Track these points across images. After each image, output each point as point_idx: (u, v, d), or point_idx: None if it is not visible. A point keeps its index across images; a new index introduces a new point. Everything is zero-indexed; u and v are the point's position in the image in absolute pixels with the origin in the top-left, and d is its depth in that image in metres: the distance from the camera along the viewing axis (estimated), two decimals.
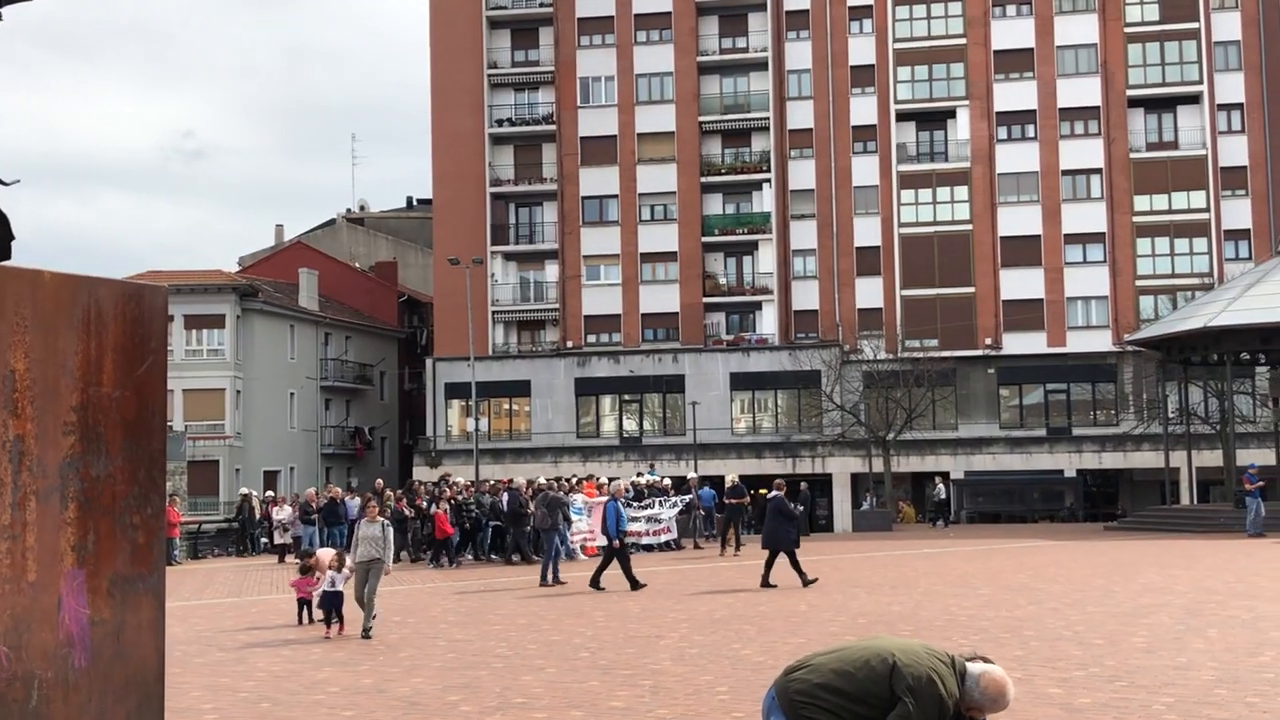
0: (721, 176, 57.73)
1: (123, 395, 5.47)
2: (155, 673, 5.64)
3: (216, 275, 58.61)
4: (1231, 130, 55.14)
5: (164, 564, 5.78)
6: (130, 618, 5.48)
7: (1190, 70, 55.16)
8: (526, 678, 12.02)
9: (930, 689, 5.24)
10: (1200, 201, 54.39)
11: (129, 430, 5.50)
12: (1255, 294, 37.06)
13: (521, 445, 56.21)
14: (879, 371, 50.93)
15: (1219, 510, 39.27)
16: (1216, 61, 55.13)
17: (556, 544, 23.07)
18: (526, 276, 59.15)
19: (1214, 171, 54.34)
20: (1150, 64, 55.55)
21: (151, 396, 5.62)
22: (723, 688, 11.10)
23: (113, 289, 5.51)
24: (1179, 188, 54.56)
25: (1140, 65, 55.54)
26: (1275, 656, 11.99)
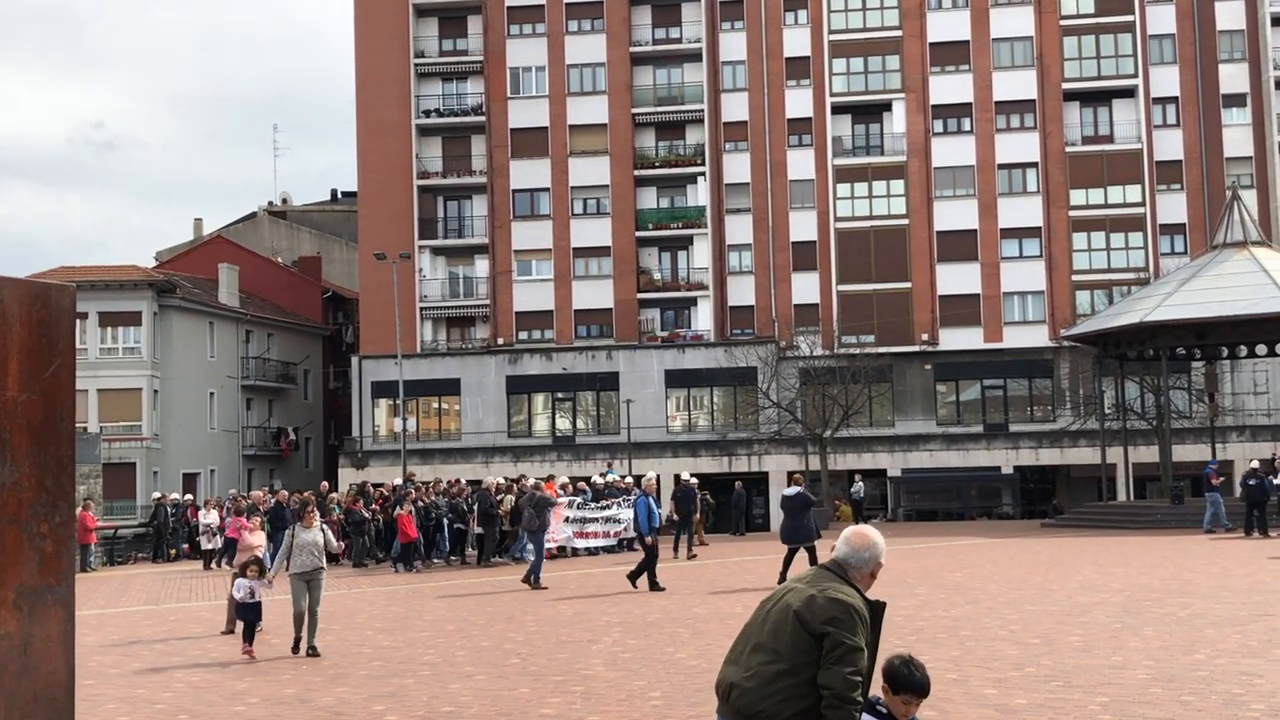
0: (655, 170, 57.80)
1: (29, 399, 5.37)
2: (65, 687, 5.54)
3: (132, 271, 57.70)
4: (1166, 124, 56.14)
5: (74, 574, 5.68)
6: (38, 630, 5.38)
7: (1125, 64, 56.08)
8: (455, 686, 11.97)
9: (837, 603, 5.00)
10: (1136, 196, 55.34)
11: (35, 435, 5.39)
12: (1190, 289, 37.82)
13: (451, 445, 55.94)
14: (815, 368, 51.28)
15: (1155, 507, 40.02)
16: (1151, 55, 56.11)
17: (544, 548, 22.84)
18: (455, 272, 58.84)
19: (1149, 165, 55.31)
20: (1086, 57, 56.40)
21: (59, 400, 5.52)
22: (656, 693, 11.12)
23: (17, 289, 5.40)
24: (1115, 182, 55.48)
25: (1076, 58, 56.38)
26: (1210, 654, 12.24)
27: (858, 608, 5.00)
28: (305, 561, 14.77)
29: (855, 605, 5.00)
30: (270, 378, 62.81)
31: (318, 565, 14.81)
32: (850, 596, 5.05)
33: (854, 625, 4.94)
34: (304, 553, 14.82)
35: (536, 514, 23.11)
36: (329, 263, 71.69)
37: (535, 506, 23.23)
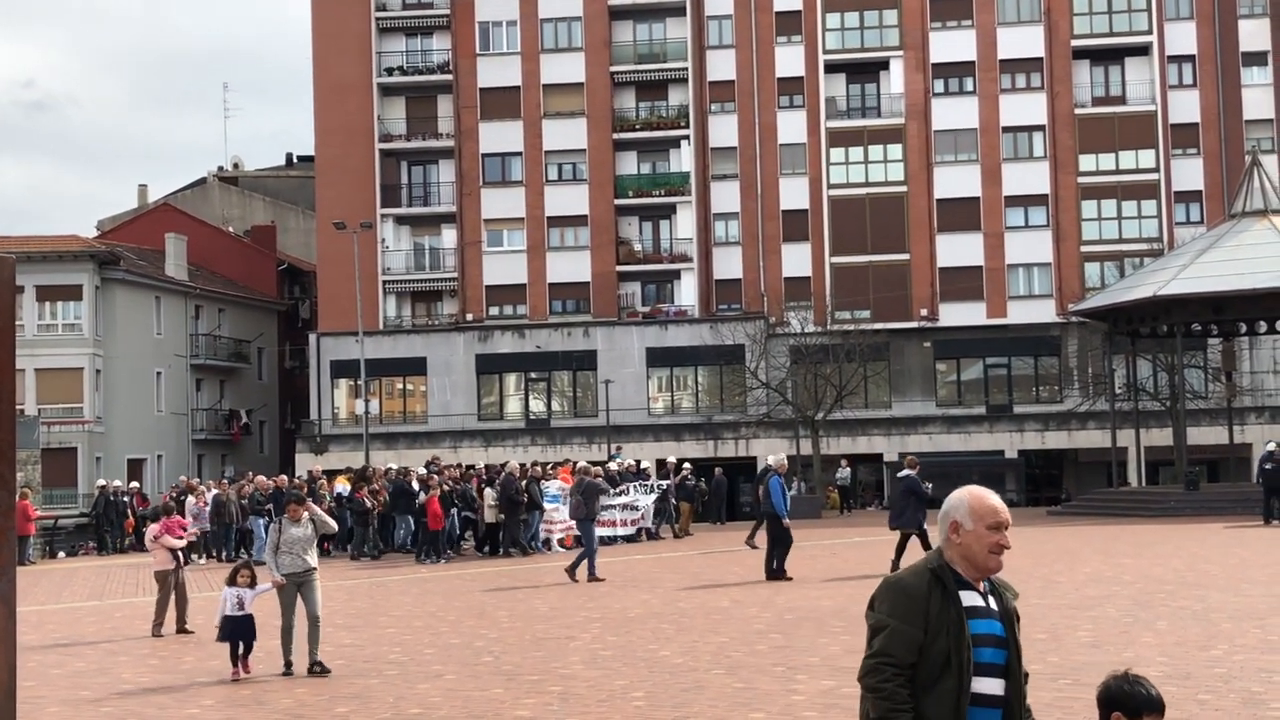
0: (636, 133, 57.67)
1: None
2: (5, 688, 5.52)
3: (71, 241, 57.34)
4: (1182, 84, 56.27)
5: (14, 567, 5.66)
6: None
7: (1139, 19, 56.14)
8: (423, 686, 11.99)
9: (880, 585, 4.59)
10: (1149, 161, 55.49)
11: None
12: (1207, 261, 37.98)
13: (417, 429, 55.89)
14: (807, 346, 51.30)
15: (1169, 493, 40.27)
16: (1167, 10, 56.16)
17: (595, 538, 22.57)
18: (421, 242, 58.66)
19: (1164, 129, 55.45)
20: (1097, 12, 56.45)
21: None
22: (639, 693, 11.16)
23: None
24: (1126, 146, 55.62)
25: (1086, 13, 56.42)
26: (1228, 650, 12.34)
27: (900, 580, 4.53)
28: (293, 562, 13.24)
29: (897, 578, 4.57)
30: (221, 356, 62.58)
31: (309, 566, 13.32)
32: (905, 571, 4.61)
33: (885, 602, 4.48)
34: (292, 552, 13.27)
35: (585, 501, 22.67)
36: (284, 233, 71.35)
37: (584, 494, 22.77)
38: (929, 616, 4.38)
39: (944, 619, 4.37)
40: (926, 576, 4.46)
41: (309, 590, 13.27)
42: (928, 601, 4.40)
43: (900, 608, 4.41)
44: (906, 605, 4.40)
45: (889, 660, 4.34)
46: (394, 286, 58.04)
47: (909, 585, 4.45)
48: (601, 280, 56.86)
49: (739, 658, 12.85)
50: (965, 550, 4.52)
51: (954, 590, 4.43)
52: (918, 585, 4.44)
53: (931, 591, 4.42)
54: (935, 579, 4.44)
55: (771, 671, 11.98)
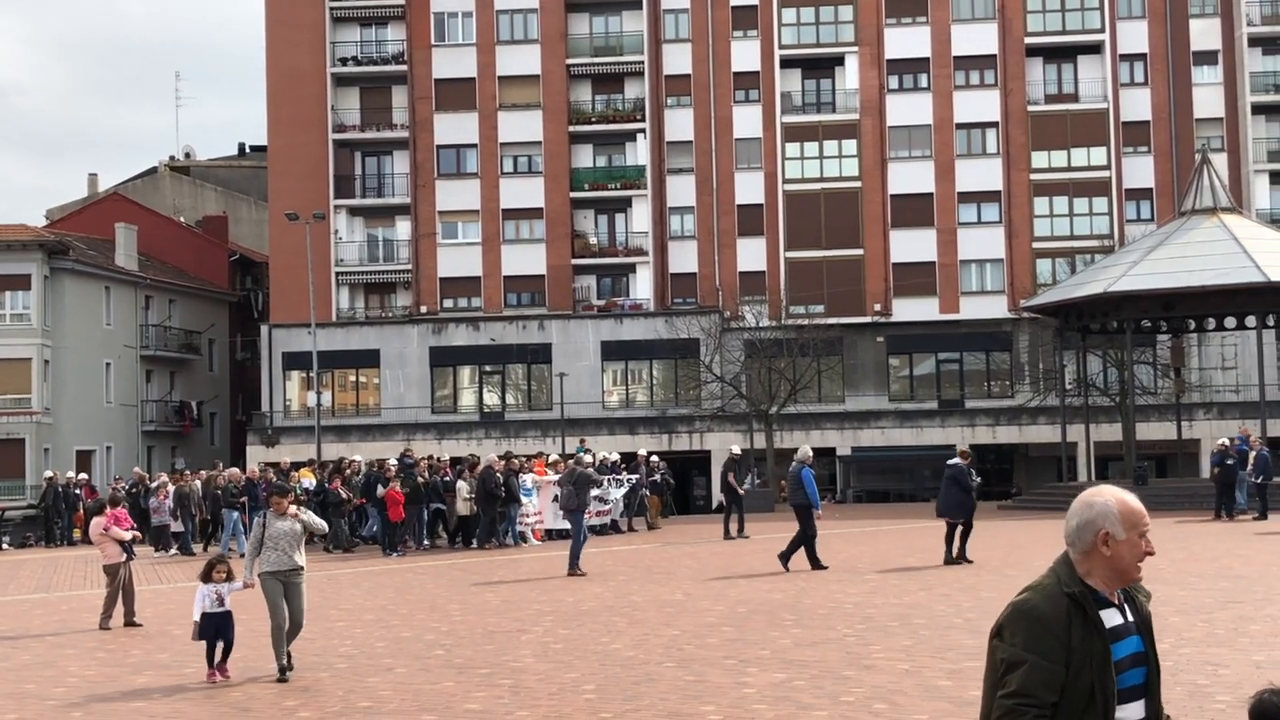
0: (592, 126, 57.60)
1: None
2: None
3: (20, 230, 56.67)
4: (1134, 82, 56.78)
5: None
6: None
7: (1091, 18, 56.60)
8: (373, 680, 11.93)
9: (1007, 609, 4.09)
10: (1101, 158, 55.96)
11: None
12: (1157, 257, 38.36)
13: (370, 421, 55.64)
14: (761, 340, 51.45)
15: None
16: (1119, 8, 56.64)
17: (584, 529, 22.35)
18: (374, 234, 58.38)
19: (1115, 126, 55.93)
20: (1050, 10, 56.86)
21: None
22: (590, 686, 11.15)
23: None
24: (1078, 143, 56.07)
25: (1039, 11, 56.82)
26: (1175, 643, 12.44)
27: (1035, 609, 4.00)
28: (279, 559, 12.36)
29: (1030, 606, 4.02)
30: (172, 347, 62.06)
31: (296, 565, 12.45)
32: (1034, 593, 4.06)
33: (1018, 632, 3.99)
34: (278, 548, 12.36)
35: (577, 493, 22.39)
36: (236, 223, 70.85)
37: (576, 484, 22.47)
38: (1070, 649, 3.94)
39: (1088, 651, 3.95)
40: (1064, 603, 3.98)
41: (294, 593, 12.37)
42: (1068, 632, 3.95)
43: (1038, 640, 3.95)
44: (1045, 638, 3.94)
45: (1030, 701, 3.90)
46: (347, 278, 57.74)
47: (1045, 614, 3.97)
48: (557, 273, 56.77)
49: (690, 651, 12.86)
50: (1116, 562, 4.06)
51: (1095, 616, 4.00)
52: (1055, 614, 3.97)
53: (1072, 620, 3.96)
54: (1075, 605, 3.98)
55: (723, 664, 11.99)
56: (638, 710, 10.08)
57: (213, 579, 12.61)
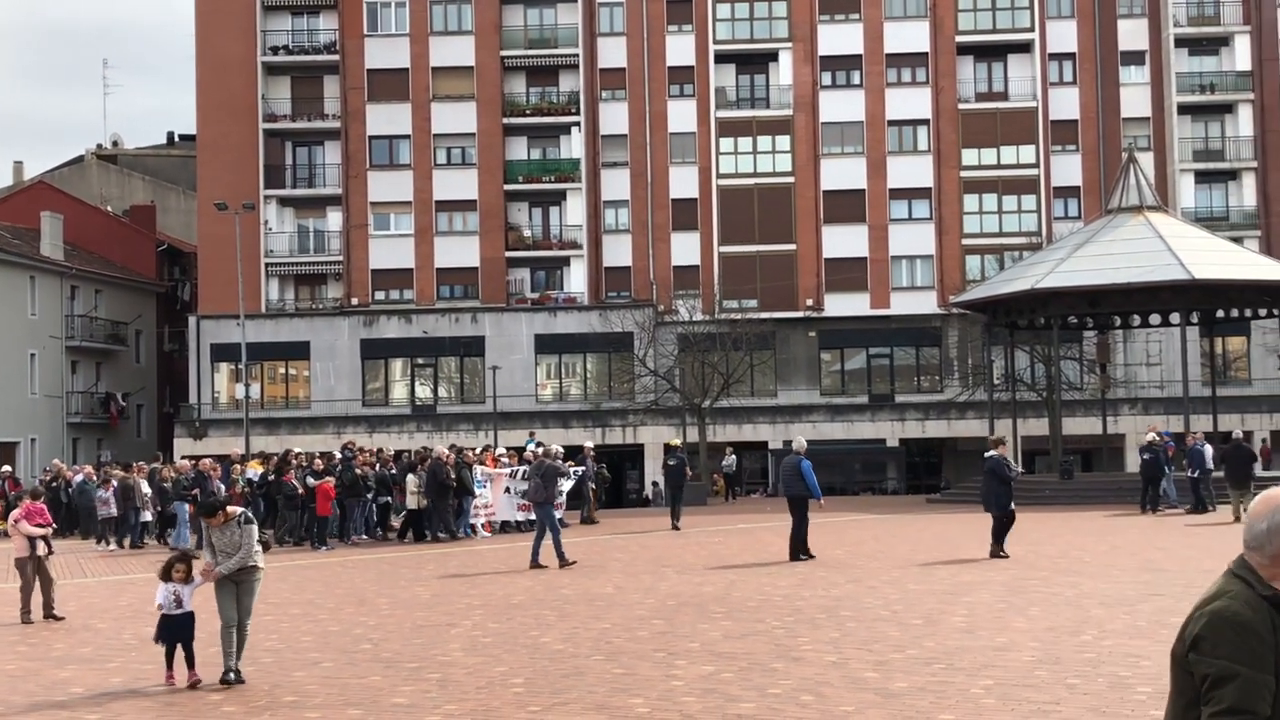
0: (526, 118, 57.44)
1: None
2: None
3: None
4: (1063, 81, 57.47)
5: None
6: None
7: (1021, 17, 57.20)
8: (299, 674, 11.83)
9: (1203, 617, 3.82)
10: (1029, 156, 56.60)
11: None
12: (1084, 255, 38.86)
13: (300, 414, 55.18)
14: (695, 334, 51.57)
15: (1044, 482, 41.16)
16: (1049, 8, 57.31)
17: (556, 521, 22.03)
18: (305, 225, 57.89)
19: (1044, 125, 56.59)
20: (981, 9, 57.41)
21: None
22: (518, 679, 11.12)
23: None
24: (1008, 141, 56.68)
25: (970, 10, 57.35)
26: (1097, 635, 12.62)
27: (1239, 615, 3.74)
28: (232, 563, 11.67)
29: (1232, 613, 3.75)
30: (98, 338, 61.21)
31: (252, 564, 11.75)
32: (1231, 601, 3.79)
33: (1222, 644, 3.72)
34: (229, 554, 11.67)
35: (545, 484, 22.05)
36: (164, 213, 69.97)
37: (544, 476, 22.11)
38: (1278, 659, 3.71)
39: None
40: (1265, 609, 3.73)
41: (246, 593, 11.72)
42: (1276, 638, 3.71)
43: (1247, 650, 3.68)
44: (1255, 647, 3.68)
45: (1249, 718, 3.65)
46: (277, 269, 57.21)
47: (1251, 622, 3.71)
48: (490, 266, 56.57)
49: (620, 644, 12.86)
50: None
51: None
52: (1261, 621, 3.71)
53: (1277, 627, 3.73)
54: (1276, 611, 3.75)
55: (652, 657, 12.01)
56: (565, 703, 10.08)
57: (171, 578, 11.68)
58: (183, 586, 11.65)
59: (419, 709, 10.10)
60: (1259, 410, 52.52)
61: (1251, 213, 56.81)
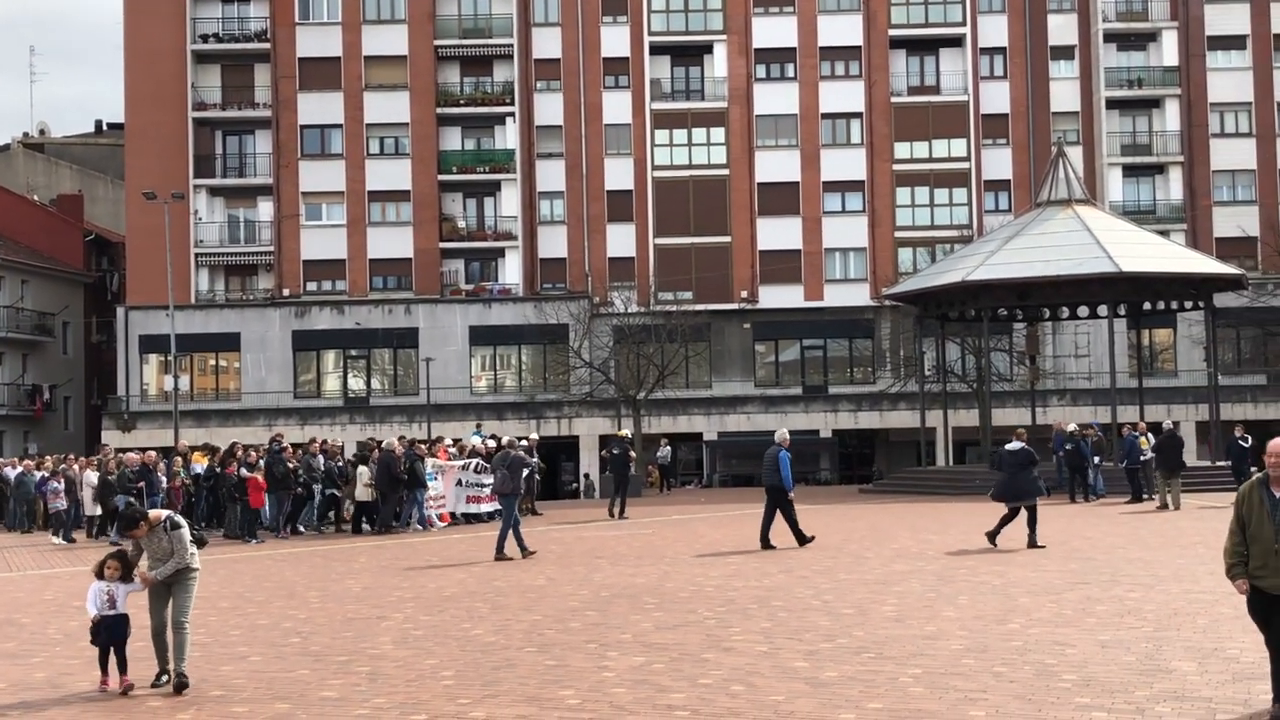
0: (460, 108, 57.16)
1: None
2: None
3: None
4: (994, 75, 58.00)
5: None
6: None
7: (953, 11, 57.66)
8: (226, 668, 11.71)
9: None
10: (961, 150, 57.10)
11: None
12: (1013, 248, 39.22)
13: (230, 406, 54.67)
14: (630, 326, 51.62)
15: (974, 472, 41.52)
16: (980, 3, 57.80)
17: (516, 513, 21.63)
18: (236, 215, 57.33)
19: (975, 119, 57.12)
20: (914, 3, 57.82)
21: None
22: (449, 672, 11.08)
23: None
24: (940, 135, 57.15)
25: (903, 4, 57.73)
26: (1024, 624, 12.76)
27: None
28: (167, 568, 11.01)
29: None
30: (24, 329, 60.33)
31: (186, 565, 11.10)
32: None
33: None
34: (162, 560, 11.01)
35: (512, 475, 21.78)
36: (92, 202, 69.06)
37: (510, 467, 21.84)
38: None
39: None
40: None
41: (181, 592, 11.05)
42: None
43: None
44: None
45: None
46: (207, 259, 56.61)
47: None
48: (424, 257, 56.28)
49: (552, 635, 12.85)
50: None
51: None
52: None
53: None
54: None
55: (584, 649, 12.00)
56: (496, 695, 10.05)
57: (104, 575, 10.97)
58: (118, 585, 10.99)
59: (348, 702, 10.03)
60: (1185, 401, 53.25)
61: (1178, 206, 57.64)
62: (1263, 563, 8.57)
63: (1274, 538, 8.52)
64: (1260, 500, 8.66)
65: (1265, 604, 8.65)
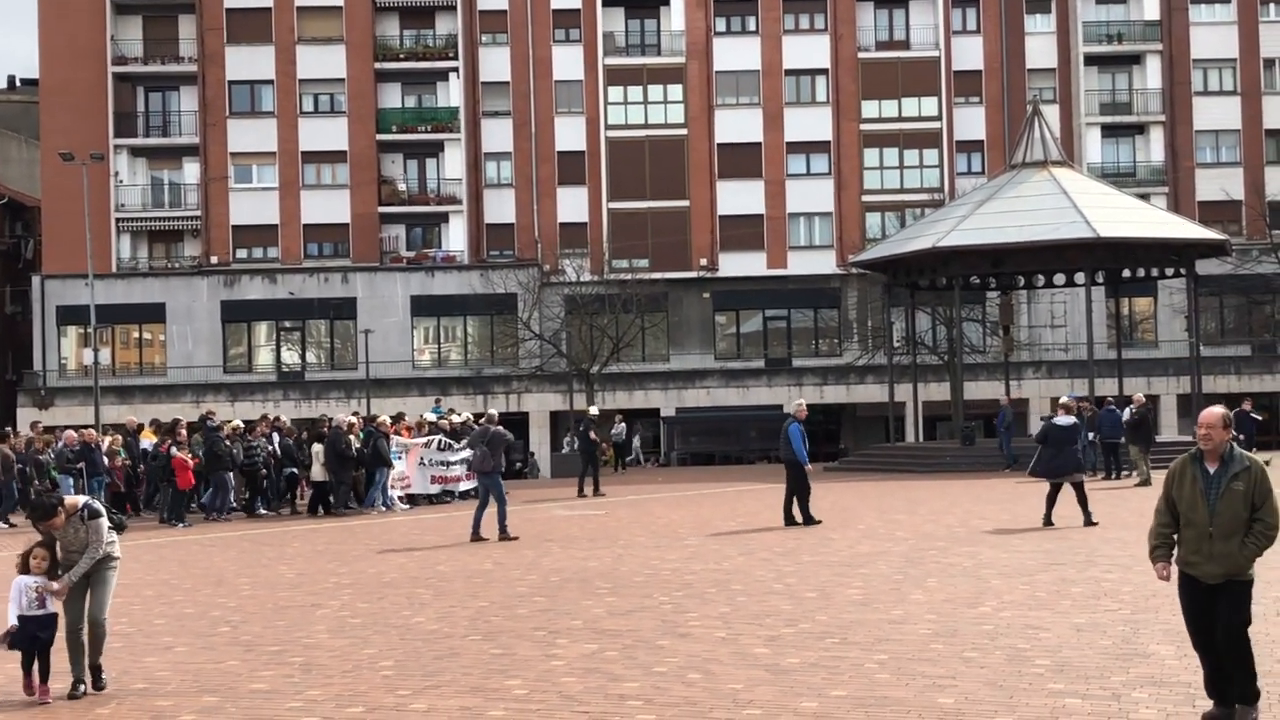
0: (400, 63, 56.80)
1: None
2: None
3: None
4: (966, 30, 58.16)
5: None
6: None
7: None
8: (150, 659, 11.63)
9: None
10: (932, 109, 57.28)
11: None
12: (987, 212, 39.43)
13: (155, 382, 54.32)
14: (583, 295, 51.60)
15: (945, 448, 41.87)
16: None
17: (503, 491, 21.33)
18: (160, 177, 56.84)
19: (947, 76, 57.28)
20: None
21: None
22: (387, 662, 11.05)
23: None
24: (910, 93, 57.28)
25: None
26: (996, 606, 12.86)
27: None
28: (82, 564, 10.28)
29: None
30: None
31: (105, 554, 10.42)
32: None
33: None
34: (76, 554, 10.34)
35: (491, 453, 21.48)
36: (4, 163, 68.27)
37: (490, 443, 21.58)
38: None
39: None
40: None
41: (98, 582, 10.40)
42: None
43: None
44: None
45: None
46: (129, 225, 56.12)
47: None
48: (362, 222, 55.99)
49: (498, 623, 12.84)
50: None
51: None
52: None
53: None
54: None
55: (532, 636, 12.00)
56: (438, 686, 10.03)
57: (30, 568, 10.20)
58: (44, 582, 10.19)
59: (280, 694, 9.98)
60: (1165, 373, 53.86)
61: (1159, 168, 58.08)
62: (1196, 548, 8.15)
63: (1209, 520, 8.09)
64: (1194, 478, 8.21)
65: (1199, 594, 8.21)
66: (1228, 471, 8.16)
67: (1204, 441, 8.21)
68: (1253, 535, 8.09)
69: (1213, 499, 8.12)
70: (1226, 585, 8.11)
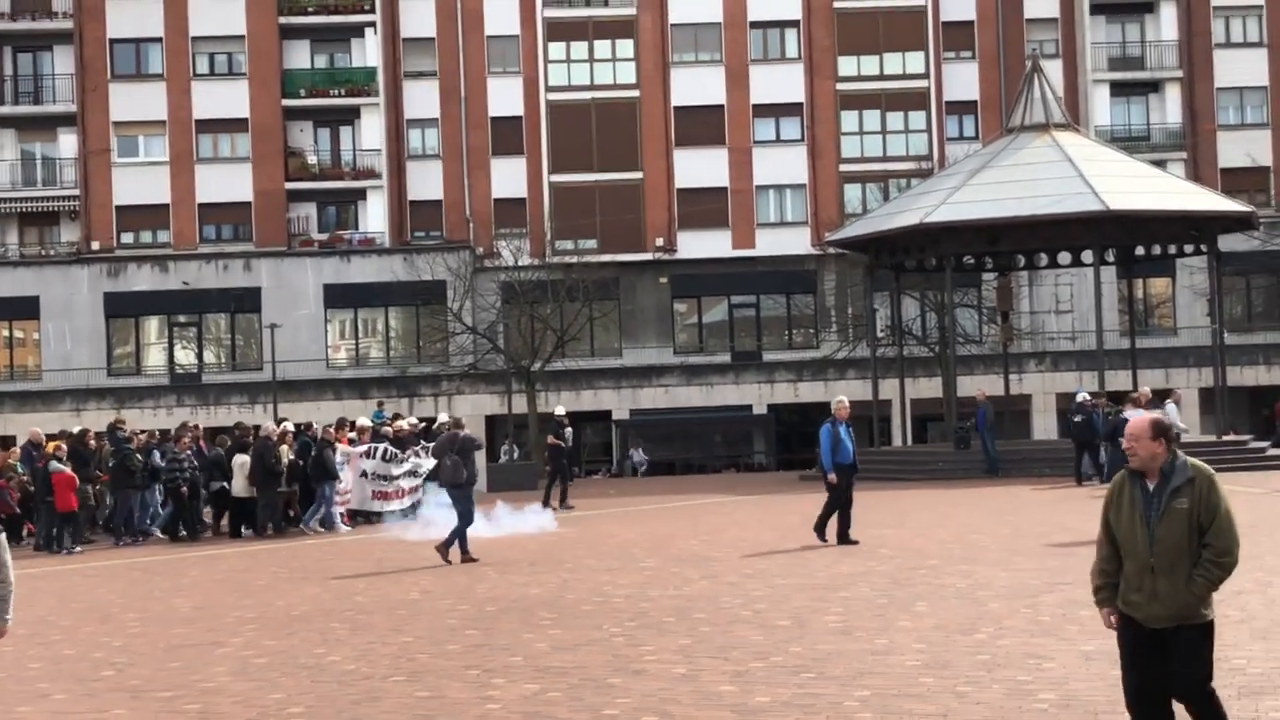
0: (308, 17, 56.67)
1: None
2: None
3: None
4: None
5: None
6: None
7: None
8: (24, 709, 11.56)
9: None
10: (918, 65, 57.51)
11: None
12: (980, 183, 39.61)
13: (27, 387, 54.07)
14: (522, 282, 51.57)
15: (937, 452, 42.08)
16: None
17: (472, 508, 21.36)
18: (31, 150, 56.69)
19: (935, 27, 57.51)
20: None
21: None
22: (298, 708, 11.02)
23: None
24: (893, 48, 57.49)
25: None
26: (993, 634, 12.93)
27: None
28: None
29: None
30: None
31: None
32: None
33: None
34: None
35: (464, 462, 21.40)
36: None
37: (460, 452, 21.48)
38: None
39: None
40: None
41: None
42: None
43: None
44: None
45: None
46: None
47: None
48: (266, 201, 55.80)
49: (425, 660, 12.82)
50: None
51: None
52: None
53: None
54: None
55: (464, 676, 11.99)
56: None
57: None
58: None
59: None
60: (1185, 364, 54.21)
61: (1176, 131, 58.48)
62: (1139, 585, 7.49)
63: (1149, 550, 7.41)
64: (1132, 499, 7.53)
65: (1143, 641, 7.57)
66: (1168, 486, 7.47)
67: (1130, 457, 7.60)
68: (1201, 566, 7.38)
69: (1152, 523, 7.47)
70: (1178, 631, 7.47)
